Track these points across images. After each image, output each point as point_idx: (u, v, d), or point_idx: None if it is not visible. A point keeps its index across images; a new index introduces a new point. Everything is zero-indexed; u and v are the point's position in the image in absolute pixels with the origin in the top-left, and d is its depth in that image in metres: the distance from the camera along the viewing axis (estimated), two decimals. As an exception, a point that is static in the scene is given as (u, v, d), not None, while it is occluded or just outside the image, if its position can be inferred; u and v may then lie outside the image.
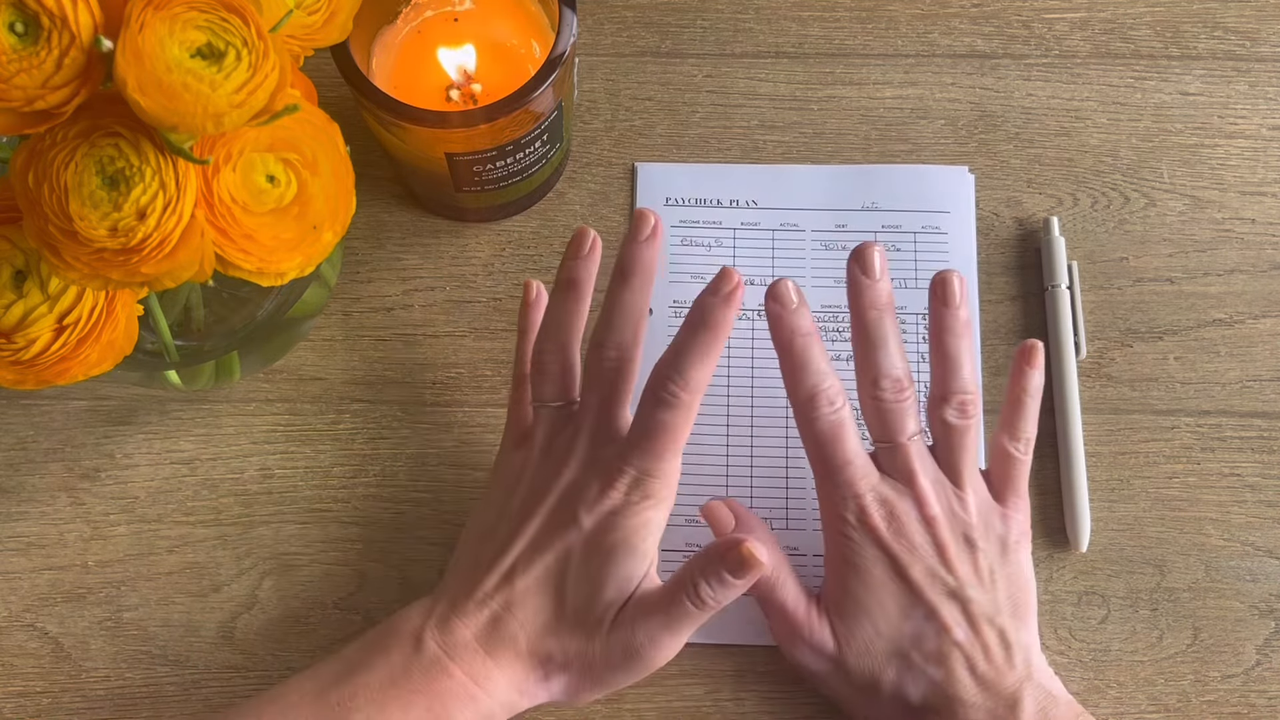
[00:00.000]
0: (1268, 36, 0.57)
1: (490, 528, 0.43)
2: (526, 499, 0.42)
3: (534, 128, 0.48)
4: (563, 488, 0.41)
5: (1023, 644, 0.43)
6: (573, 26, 0.46)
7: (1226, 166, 0.55)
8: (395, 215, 0.55)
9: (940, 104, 0.56)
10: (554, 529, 0.41)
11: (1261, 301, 0.53)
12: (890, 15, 0.58)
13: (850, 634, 0.42)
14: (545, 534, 0.41)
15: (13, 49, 0.33)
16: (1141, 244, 0.54)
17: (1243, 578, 0.49)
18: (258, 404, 0.52)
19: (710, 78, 0.57)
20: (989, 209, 0.55)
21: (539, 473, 0.42)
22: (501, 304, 0.54)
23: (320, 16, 0.39)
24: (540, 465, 0.43)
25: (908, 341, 0.53)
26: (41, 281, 0.37)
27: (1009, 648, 0.42)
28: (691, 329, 0.41)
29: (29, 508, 0.51)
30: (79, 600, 0.50)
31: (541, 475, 0.42)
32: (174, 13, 0.33)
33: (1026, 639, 0.43)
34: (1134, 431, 0.52)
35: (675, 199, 0.55)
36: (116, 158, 0.34)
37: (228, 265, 0.37)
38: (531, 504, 0.42)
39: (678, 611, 0.40)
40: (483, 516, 0.44)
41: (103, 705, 0.48)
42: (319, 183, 0.38)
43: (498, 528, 0.42)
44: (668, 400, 0.40)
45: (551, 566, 0.40)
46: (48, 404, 0.52)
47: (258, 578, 0.50)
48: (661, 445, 0.40)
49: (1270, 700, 0.48)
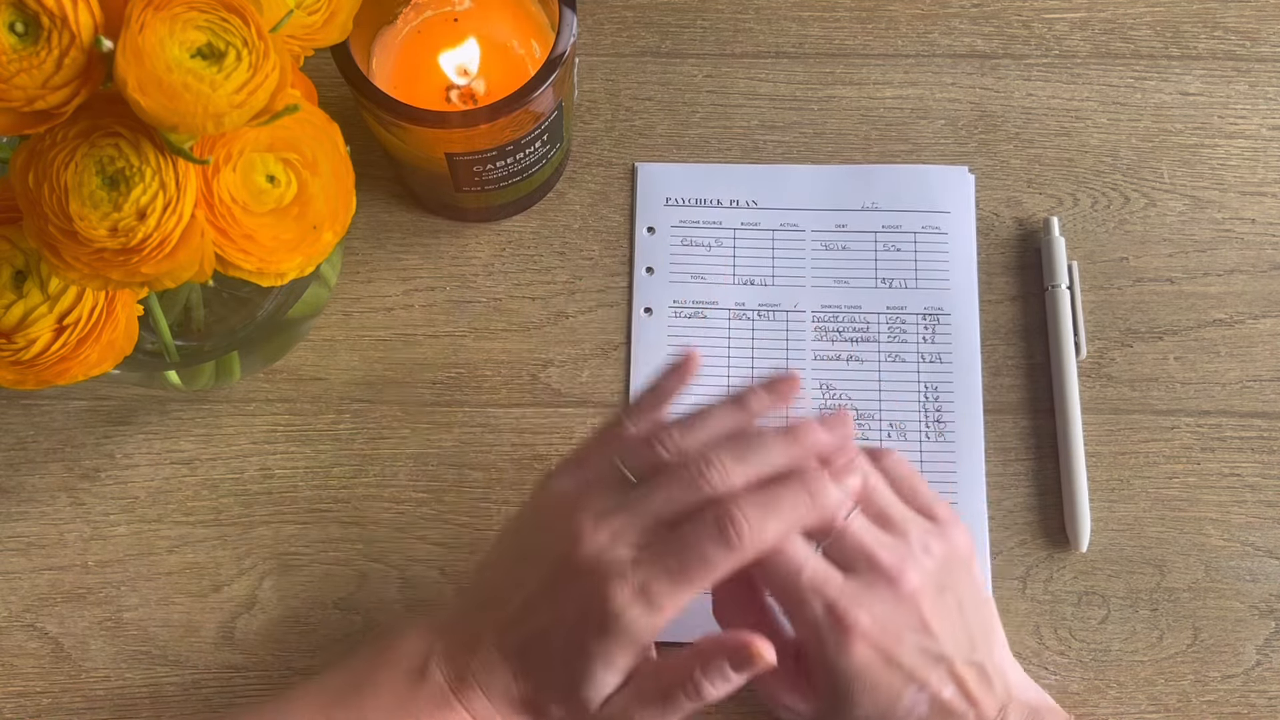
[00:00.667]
0: (1268, 36, 0.57)
1: (514, 562, 0.41)
2: (550, 547, 0.40)
3: (534, 128, 0.48)
4: (583, 560, 0.39)
5: (998, 668, 0.42)
6: (573, 26, 0.46)
7: (1226, 166, 0.55)
8: (395, 215, 0.55)
9: (940, 104, 0.56)
10: (562, 599, 0.39)
11: (1261, 301, 0.53)
12: (890, 15, 0.58)
13: (838, 710, 0.41)
14: (551, 597, 0.39)
15: (13, 49, 0.33)
16: (1141, 244, 0.54)
17: (1243, 578, 0.49)
18: (258, 404, 0.52)
19: (710, 78, 0.57)
20: (989, 209, 0.55)
21: (572, 525, 0.40)
22: (501, 304, 0.54)
23: (320, 16, 0.39)
24: (577, 518, 0.40)
25: (906, 341, 0.53)
26: (41, 281, 0.37)
27: (988, 679, 0.41)
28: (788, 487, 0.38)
29: (29, 508, 0.51)
30: (79, 600, 0.50)
31: (574, 530, 0.39)
32: (174, 13, 0.33)
33: (999, 658, 0.42)
34: (1134, 431, 0.52)
35: (675, 199, 0.55)
36: (116, 158, 0.34)
37: (228, 265, 0.37)
38: (551, 559, 0.40)
39: (673, 705, 0.39)
40: (512, 544, 0.42)
41: (103, 705, 0.48)
42: (319, 183, 0.38)
43: (516, 569, 0.41)
44: (729, 539, 0.37)
45: (548, 626, 0.39)
46: (48, 404, 0.52)
47: (258, 578, 0.50)
48: (693, 577, 0.38)
49: (1270, 700, 0.48)
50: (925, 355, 0.52)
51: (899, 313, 0.53)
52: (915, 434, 0.51)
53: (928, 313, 0.53)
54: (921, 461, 0.51)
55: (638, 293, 0.54)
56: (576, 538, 0.39)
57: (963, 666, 0.41)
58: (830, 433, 0.41)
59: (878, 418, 0.52)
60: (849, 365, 0.52)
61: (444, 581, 0.50)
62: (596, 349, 0.53)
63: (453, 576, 0.50)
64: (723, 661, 0.39)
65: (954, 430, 0.51)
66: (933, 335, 0.53)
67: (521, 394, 0.52)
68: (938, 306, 0.53)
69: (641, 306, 0.53)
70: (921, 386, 0.52)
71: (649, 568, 0.38)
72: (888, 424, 0.52)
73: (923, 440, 0.51)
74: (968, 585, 0.42)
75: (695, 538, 0.38)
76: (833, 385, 0.52)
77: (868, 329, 0.53)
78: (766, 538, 0.38)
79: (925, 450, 0.51)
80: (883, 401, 0.52)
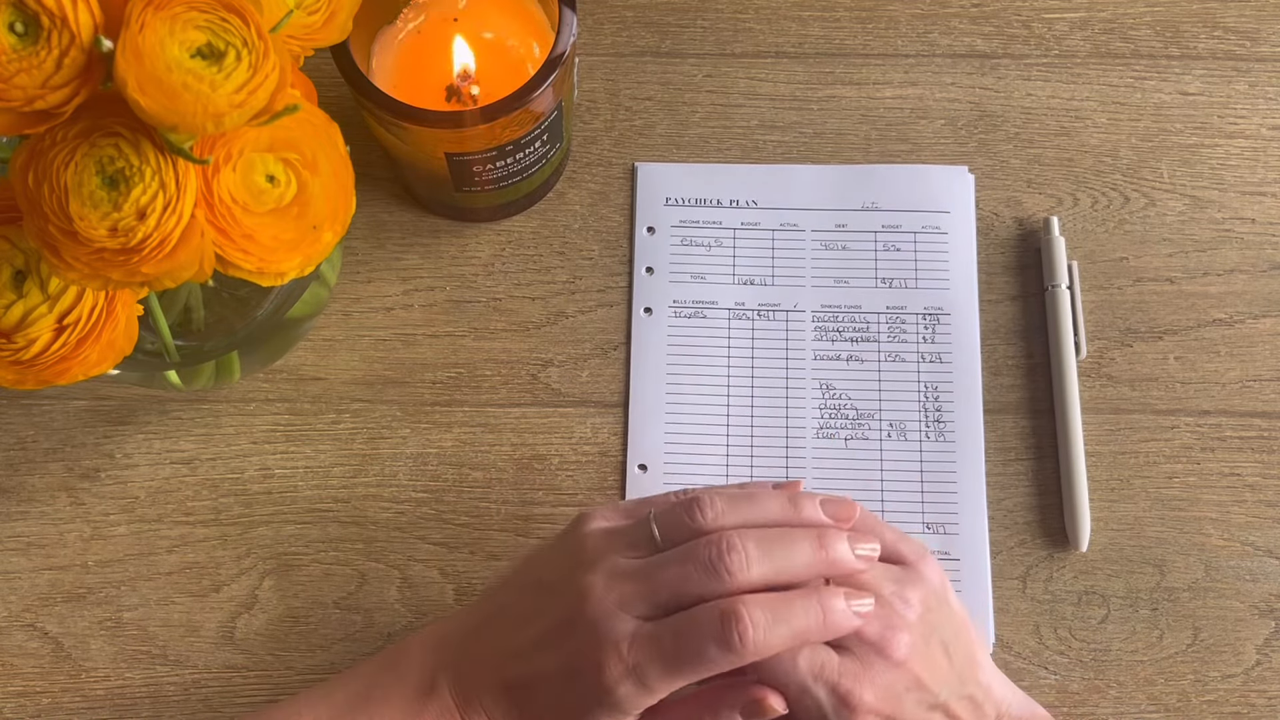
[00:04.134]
0: (1268, 36, 0.57)
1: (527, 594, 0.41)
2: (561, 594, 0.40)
3: (534, 128, 0.48)
4: (586, 621, 0.39)
5: (986, 691, 0.42)
6: (573, 26, 0.46)
7: (1226, 166, 0.55)
8: (395, 215, 0.55)
9: (940, 104, 0.56)
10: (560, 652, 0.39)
11: (1261, 301, 0.53)
12: (890, 15, 0.58)
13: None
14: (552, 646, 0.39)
15: (13, 49, 0.32)
16: (1141, 244, 0.54)
17: (1243, 578, 0.49)
18: (258, 404, 0.52)
19: (710, 78, 0.57)
20: (989, 209, 0.55)
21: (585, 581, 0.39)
22: (501, 304, 0.54)
23: (320, 16, 0.39)
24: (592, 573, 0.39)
25: (906, 341, 0.53)
26: (41, 281, 0.37)
27: (979, 707, 0.41)
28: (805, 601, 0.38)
29: (29, 508, 0.51)
30: (79, 600, 0.50)
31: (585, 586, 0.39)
32: (174, 13, 0.33)
33: (985, 680, 0.42)
34: (1134, 431, 0.52)
35: (675, 199, 0.55)
36: (116, 158, 0.34)
37: (228, 265, 0.37)
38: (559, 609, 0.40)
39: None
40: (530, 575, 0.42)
41: (103, 705, 0.48)
42: (319, 183, 0.38)
43: (527, 601, 0.41)
44: (731, 642, 0.37)
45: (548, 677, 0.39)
46: (48, 404, 0.52)
47: (258, 578, 0.50)
48: (687, 670, 0.37)
49: (1270, 700, 0.48)
50: (925, 355, 0.52)
51: (899, 312, 0.53)
52: (915, 434, 0.51)
53: (928, 312, 0.53)
54: (921, 461, 0.51)
55: (638, 293, 0.54)
56: (586, 595, 0.39)
57: (957, 704, 0.41)
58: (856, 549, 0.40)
59: (878, 418, 0.52)
60: (849, 365, 0.52)
61: (444, 581, 0.50)
62: (596, 349, 0.53)
63: (452, 576, 0.50)
64: (733, 713, 0.39)
65: (954, 430, 0.51)
66: (933, 335, 0.53)
67: (521, 394, 0.52)
68: (938, 306, 0.53)
69: (641, 306, 0.53)
70: (921, 386, 0.52)
71: (646, 649, 0.37)
72: (888, 424, 0.52)
73: (923, 440, 0.51)
74: (947, 620, 0.42)
75: (697, 631, 0.37)
76: (833, 385, 0.52)
77: (868, 329, 0.53)
78: (770, 646, 0.37)
79: (925, 450, 0.51)
80: (883, 401, 0.52)
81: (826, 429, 0.52)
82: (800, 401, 0.52)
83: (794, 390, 0.52)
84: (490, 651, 0.40)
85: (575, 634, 0.39)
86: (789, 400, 0.52)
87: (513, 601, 0.42)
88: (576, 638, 0.38)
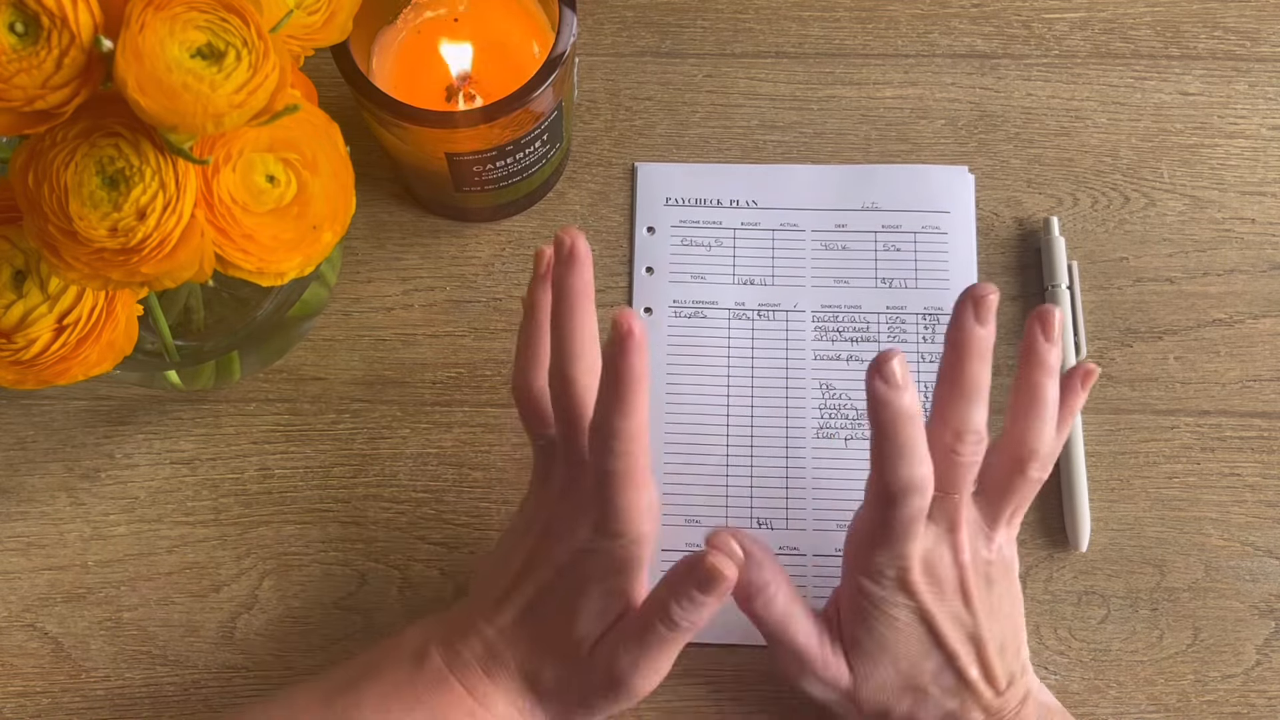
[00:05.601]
0: (1268, 36, 0.57)
1: (501, 556, 0.44)
2: (523, 530, 0.43)
3: (534, 128, 0.48)
4: (545, 523, 0.42)
5: (1024, 665, 0.43)
6: (573, 26, 0.46)
7: (1226, 166, 0.55)
8: (395, 215, 0.55)
9: (940, 104, 0.56)
10: (537, 563, 0.41)
11: (1261, 301, 0.53)
12: (890, 15, 0.58)
13: (868, 673, 0.42)
14: (531, 566, 0.42)
15: (13, 49, 0.32)
16: (1141, 244, 0.54)
17: (1243, 578, 0.49)
18: (258, 404, 0.52)
19: (710, 78, 0.57)
20: (989, 209, 0.55)
21: (535, 505, 0.44)
22: (501, 304, 0.54)
23: (320, 16, 0.39)
24: (537, 496, 0.44)
25: (906, 341, 0.53)
26: (41, 281, 0.37)
27: (1012, 674, 0.42)
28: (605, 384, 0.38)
29: (29, 508, 0.51)
30: (79, 600, 0.50)
31: (535, 507, 0.44)
32: (174, 13, 0.33)
33: (1024, 658, 0.44)
34: (1134, 431, 0.52)
35: (675, 199, 0.55)
36: (116, 158, 0.34)
37: (228, 265, 0.37)
38: (525, 536, 0.43)
39: (653, 637, 0.40)
40: (503, 541, 0.45)
41: (103, 705, 0.48)
42: (319, 183, 0.38)
43: (504, 557, 0.43)
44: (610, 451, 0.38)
45: (532, 598, 0.41)
46: (48, 404, 0.52)
47: (258, 578, 0.50)
48: (612, 492, 0.38)
49: (1270, 700, 0.48)
50: (925, 355, 0.52)
51: (899, 313, 0.53)
52: (915, 434, 0.51)
53: (928, 312, 0.53)
54: (921, 461, 0.51)
55: (638, 293, 0.54)
56: (542, 508, 0.43)
57: (993, 656, 0.42)
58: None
59: (878, 418, 0.52)
60: (849, 365, 0.52)
61: (444, 581, 0.50)
62: (596, 349, 0.53)
63: (453, 576, 0.50)
64: (689, 585, 0.39)
65: (954, 430, 0.51)
66: (933, 335, 0.53)
67: (521, 394, 0.52)
68: (938, 306, 0.53)
69: (641, 306, 0.53)
70: (922, 386, 0.52)
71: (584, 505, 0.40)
72: (888, 424, 0.52)
73: (923, 440, 0.51)
74: (1012, 588, 0.44)
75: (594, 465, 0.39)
76: (833, 385, 0.52)
77: (868, 329, 0.53)
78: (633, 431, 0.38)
79: (925, 450, 0.51)
80: (883, 401, 0.52)
81: (826, 429, 0.52)
82: (800, 401, 0.52)
83: (794, 390, 0.52)
84: (478, 613, 0.42)
85: (544, 535, 0.42)
86: (789, 400, 0.52)
87: (488, 569, 0.44)
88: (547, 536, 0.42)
